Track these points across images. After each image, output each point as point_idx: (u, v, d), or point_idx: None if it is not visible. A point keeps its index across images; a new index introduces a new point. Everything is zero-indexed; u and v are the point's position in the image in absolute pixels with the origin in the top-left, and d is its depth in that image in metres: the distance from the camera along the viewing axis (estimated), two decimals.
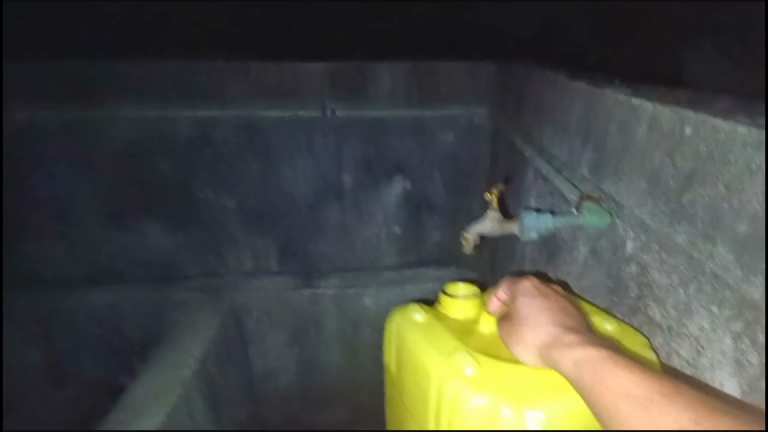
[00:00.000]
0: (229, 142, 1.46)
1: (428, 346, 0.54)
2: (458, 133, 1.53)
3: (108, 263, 1.57)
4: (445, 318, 0.62)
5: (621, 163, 0.68)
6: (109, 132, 1.41)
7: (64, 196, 1.47)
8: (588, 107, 0.81)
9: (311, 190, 1.54)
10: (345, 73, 1.42)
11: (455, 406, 0.48)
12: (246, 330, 1.57)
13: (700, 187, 0.49)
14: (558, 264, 0.92)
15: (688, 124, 0.52)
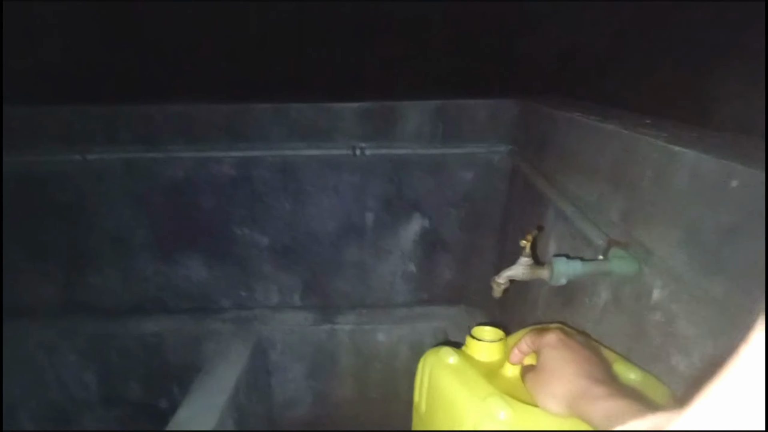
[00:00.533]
0: (266, 180, 1.46)
1: (462, 389, 0.54)
2: (477, 172, 1.45)
3: (156, 294, 1.60)
4: (472, 360, 0.62)
5: (655, 210, 0.62)
6: (164, 171, 1.46)
7: (125, 231, 1.52)
8: (621, 152, 0.74)
9: (335, 227, 1.51)
10: (375, 112, 1.39)
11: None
12: (270, 361, 1.53)
13: (744, 242, 0.45)
14: (575, 308, 0.83)
15: (735, 177, 0.46)
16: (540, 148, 1.15)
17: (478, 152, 1.43)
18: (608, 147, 0.77)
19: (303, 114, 1.41)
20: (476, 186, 1.47)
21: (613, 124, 0.77)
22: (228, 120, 1.42)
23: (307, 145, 1.43)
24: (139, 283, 1.62)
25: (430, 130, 1.41)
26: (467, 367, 0.57)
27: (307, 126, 1.42)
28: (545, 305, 0.98)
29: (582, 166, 0.88)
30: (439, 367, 0.59)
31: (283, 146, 1.43)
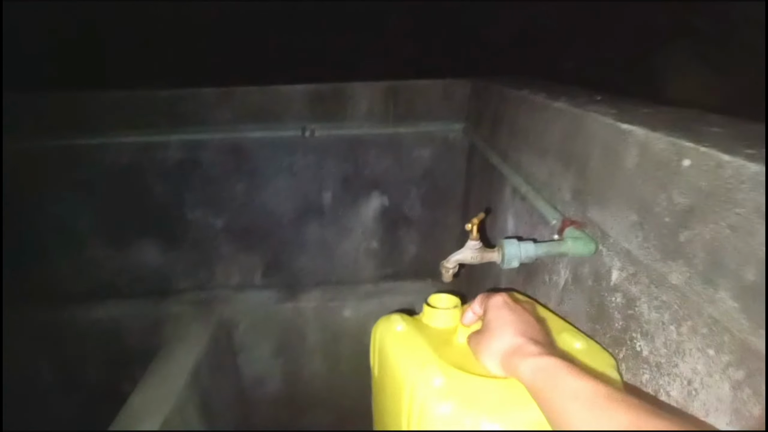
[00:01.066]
0: (216, 163, 1.36)
1: (404, 356, 0.54)
2: (434, 150, 1.39)
3: (109, 279, 1.47)
4: (426, 327, 0.60)
5: (607, 191, 0.56)
6: (105, 158, 1.33)
7: (67, 218, 1.39)
8: (570, 129, 0.67)
9: (293, 208, 1.42)
10: (324, 94, 1.30)
11: (423, 412, 0.47)
12: (234, 341, 1.45)
13: (701, 226, 0.40)
14: (536, 286, 0.80)
15: (687, 156, 0.42)
16: (493, 125, 1.10)
17: (433, 130, 1.37)
18: (556, 124, 0.72)
19: (249, 97, 1.30)
20: (435, 163, 1.41)
21: (560, 102, 0.72)
22: (170, 105, 1.30)
23: (257, 127, 1.33)
24: (90, 270, 1.46)
25: (383, 110, 1.33)
26: (414, 334, 0.57)
27: (255, 108, 1.31)
28: (508, 282, 0.95)
29: (532, 143, 0.84)
30: (387, 334, 0.58)
31: (231, 129, 1.32)
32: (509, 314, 0.49)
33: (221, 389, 1.37)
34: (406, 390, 0.50)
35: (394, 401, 0.55)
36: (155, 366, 1.22)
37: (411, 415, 0.49)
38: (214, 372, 1.33)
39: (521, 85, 1.01)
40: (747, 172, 0.35)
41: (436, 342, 0.55)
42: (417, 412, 0.48)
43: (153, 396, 1.11)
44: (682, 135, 0.44)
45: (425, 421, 0.47)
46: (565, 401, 0.36)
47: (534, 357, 0.42)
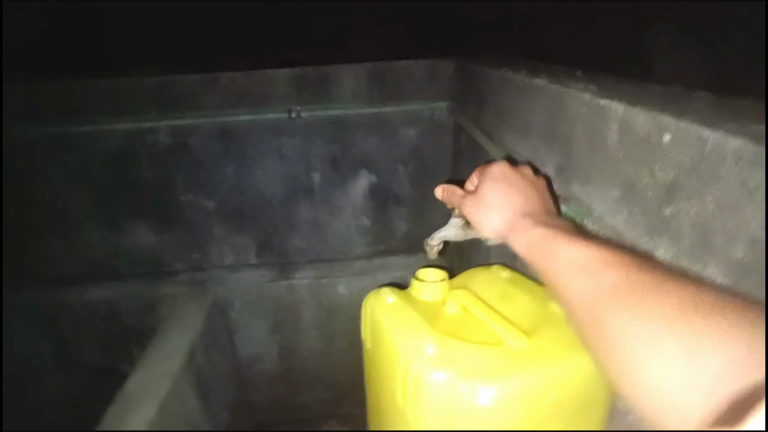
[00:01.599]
0: (205, 147, 1.31)
1: (397, 326, 0.53)
2: (420, 129, 1.35)
3: (104, 261, 1.43)
4: (415, 300, 0.59)
5: (590, 168, 0.54)
6: (97, 144, 1.28)
7: (63, 203, 1.35)
8: (551, 107, 0.65)
9: (283, 188, 1.38)
10: (309, 77, 1.26)
11: (418, 381, 0.46)
12: (230, 320, 1.43)
13: (684, 202, 0.38)
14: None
15: (667, 131, 0.39)
16: (478, 104, 1.07)
17: (419, 110, 1.33)
18: (538, 102, 0.70)
19: (235, 82, 1.25)
20: (421, 142, 1.38)
21: (541, 79, 0.69)
22: (158, 92, 1.25)
23: (243, 111, 1.28)
24: (85, 252, 1.42)
25: (368, 91, 1.29)
26: (405, 306, 0.56)
27: (240, 93, 1.27)
28: (498, 257, 0.92)
29: (516, 122, 0.81)
30: (379, 307, 0.57)
31: (217, 114, 1.28)
32: (506, 186, 0.47)
33: (218, 368, 1.36)
34: (400, 360, 0.49)
35: (388, 372, 0.54)
36: (152, 347, 1.19)
37: (406, 384, 0.49)
38: (210, 351, 1.31)
39: (503, 64, 0.97)
40: (729, 146, 0.32)
41: (427, 314, 0.55)
42: (412, 381, 0.47)
43: (150, 377, 1.08)
44: (662, 109, 0.41)
45: (421, 389, 0.46)
46: (559, 270, 0.35)
47: (528, 230, 0.41)
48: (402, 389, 0.50)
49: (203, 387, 1.23)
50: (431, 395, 0.45)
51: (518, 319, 0.52)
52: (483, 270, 0.66)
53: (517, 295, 0.58)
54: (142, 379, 1.07)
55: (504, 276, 0.63)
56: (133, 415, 0.97)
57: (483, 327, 0.52)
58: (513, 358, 0.45)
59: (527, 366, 0.44)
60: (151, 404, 1.00)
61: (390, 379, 0.53)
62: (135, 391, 1.03)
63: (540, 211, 0.45)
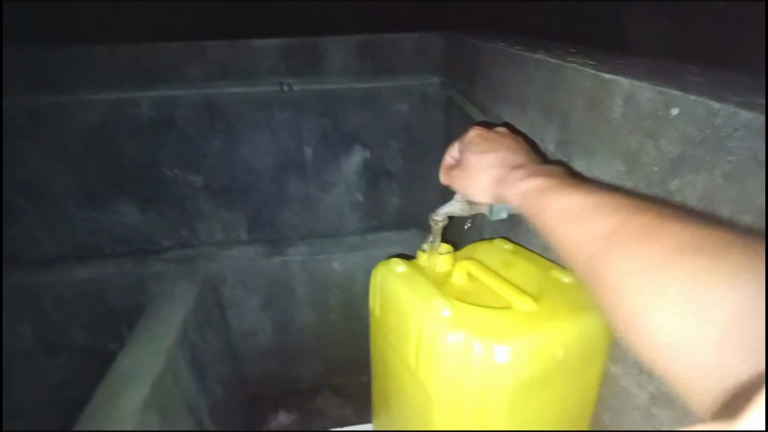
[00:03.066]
0: (191, 120, 1.28)
1: (410, 293, 0.54)
2: (412, 104, 1.36)
3: (88, 240, 1.40)
4: (423, 270, 0.61)
5: (592, 141, 0.55)
6: (73, 116, 1.22)
7: (39, 179, 1.29)
8: (550, 81, 0.66)
9: (274, 163, 1.37)
10: (299, 48, 1.23)
11: (434, 342, 0.48)
12: (222, 297, 1.43)
13: (692, 174, 0.38)
14: (521, 234, 0.78)
15: (675, 105, 0.40)
16: (470, 78, 1.08)
17: (410, 84, 1.34)
18: (536, 76, 0.70)
19: (220, 52, 1.22)
20: (413, 117, 1.38)
21: (539, 53, 0.70)
22: (136, 61, 1.20)
23: (231, 83, 1.25)
24: (66, 231, 1.39)
25: (359, 65, 1.28)
26: (415, 274, 0.58)
27: (227, 64, 1.23)
28: (492, 230, 0.95)
29: (512, 96, 0.82)
30: (389, 276, 0.59)
31: (203, 85, 1.24)
32: (487, 145, 0.47)
33: (211, 344, 1.37)
34: (413, 324, 0.51)
35: (399, 338, 0.56)
36: (142, 325, 1.18)
37: (420, 346, 0.50)
38: (203, 328, 1.32)
39: (495, 38, 0.98)
40: (740, 119, 0.33)
41: (435, 282, 0.56)
42: (427, 343, 0.49)
43: (142, 355, 1.07)
44: (667, 84, 0.42)
45: (436, 350, 0.48)
46: (555, 220, 0.35)
47: (521, 182, 0.40)
48: (416, 351, 0.51)
49: (197, 363, 1.25)
50: (447, 356, 0.47)
51: (524, 286, 0.54)
52: (486, 243, 0.69)
53: (520, 264, 0.61)
54: (134, 357, 1.06)
55: (507, 248, 0.66)
56: (125, 393, 0.95)
57: (491, 294, 0.55)
58: (523, 319, 0.47)
59: (538, 326, 0.47)
60: (145, 382, 0.99)
61: (403, 343, 0.55)
62: (127, 369, 1.02)
63: (528, 161, 0.45)
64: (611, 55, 0.63)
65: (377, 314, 0.64)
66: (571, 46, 0.75)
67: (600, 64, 0.56)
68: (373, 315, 0.66)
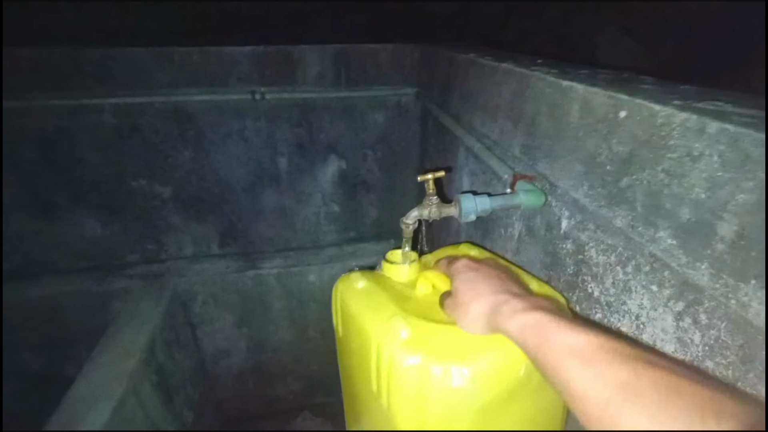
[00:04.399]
0: (157, 128, 1.24)
1: (368, 312, 0.52)
2: (387, 114, 1.38)
3: (41, 255, 1.33)
4: (387, 282, 0.59)
5: (554, 145, 0.58)
6: (27, 124, 1.17)
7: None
8: (517, 90, 0.69)
9: (247, 174, 1.35)
10: (272, 56, 1.23)
11: (392, 366, 0.46)
12: (192, 314, 1.38)
13: (639, 172, 0.42)
14: (494, 240, 0.83)
15: (623, 108, 0.44)
16: (444, 89, 1.11)
17: (385, 95, 1.36)
18: (504, 85, 0.74)
19: (189, 58, 1.20)
20: (390, 128, 1.40)
21: (507, 63, 0.74)
22: (99, 65, 1.16)
23: (200, 90, 1.23)
24: (17, 246, 1.31)
25: (333, 74, 1.29)
26: (375, 290, 0.56)
27: (196, 71, 1.21)
28: (467, 236, 0.98)
29: (483, 104, 0.85)
30: (349, 292, 0.57)
31: (171, 92, 1.21)
32: (477, 274, 0.48)
33: (180, 365, 1.32)
34: (372, 345, 0.49)
35: (361, 358, 0.54)
36: (103, 345, 1.11)
37: (380, 369, 0.48)
38: (171, 347, 1.27)
39: (468, 50, 1.03)
40: (677, 119, 0.37)
41: (398, 296, 0.55)
42: (386, 365, 0.47)
43: (103, 377, 1.00)
44: (618, 89, 0.46)
45: (395, 373, 0.46)
46: (561, 358, 0.34)
47: (519, 314, 0.40)
48: (376, 375, 0.50)
49: (164, 385, 1.19)
50: (405, 379, 0.45)
51: None
52: (452, 249, 0.68)
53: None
54: (92, 379, 1.00)
55: (472, 254, 0.64)
56: (84, 418, 0.90)
57: None
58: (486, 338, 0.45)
59: (498, 342, 0.44)
60: (105, 406, 0.93)
61: (363, 364, 0.53)
62: (86, 393, 0.96)
63: (522, 291, 0.45)
64: (576, 67, 0.67)
65: (340, 334, 0.62)
66: (539, 58, 0.79)
67: (561, 73, 0.60)
68: (336, 334, 0.64)
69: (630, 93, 0.43)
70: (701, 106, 0.38)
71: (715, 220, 0.34)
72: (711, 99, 0.41)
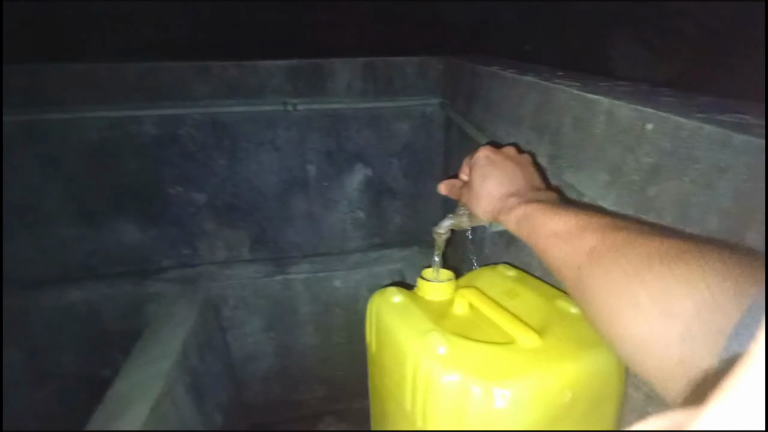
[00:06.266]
0: (195, 138, 1.33)
1: (404, 327, 0.53)
2: (413, 124, 1.45)
3: (82, 261, 1.41)
4: (422, 300, 0.60)
5: (579, 155, 0.61)
6: (73, 134, 1.26)
7: (34, 199, 1.31)
8: (541, 101, 0.73)
9: (277, 181, 1.43)
10: (304, 69, 1.31)
11: (429, 383, 0.46)
12: (223, 318, 1.45)
13: (666, 182, 0.44)
14: (519, 248, 0.84)
15: (649, 121, 0.46)
16: (468, 100, 1.17)
17: (411, 105, 1.43)
18: (528, 97, 0.78)
19: (226, 71, 1.28)
20: (414, 137, 1.47)
21: (530, 76, 0.78)
22: (141, 79, 1.25)
23: (236, 102, 1.31)
24: (60, 251, 1.40)
25: (362, 86, 1.37)
26: (412, 306, 0.56)
27: (233, 84, 1.30)
28: (491, 244, 1.01)
29: (507, 115, 0.89)
30: (384, 307, 0.58)
31: (209, 104, 1.30)
32: (490, 170, 0.52)
33: (210, 368, 1.38)
34: (409, 361, 0.49)
35: (395, 375, 0.53)
36: (140, 347, 1.18)
37: (416, 385, 0.48)
38: (203, 351, 1.34)
39: (491, 62, 1.08)
40: (702, 132, 0.40)
41: (434, 313, 0.55)
42: (422, 382, 0.47)
43: (141, 378, 1.07)
44: (642, 102, 0.49)
45: (431, 391, 0.45)
46: (545, 240, 0.40)
47: (515, 209, 0.46)
48: (411, 393, 0.49)
49: (196, 388, 1.25)
50: (443, 398, 0.44)
51: (528, 318, 0.52)
52: (489, 269, 0.68)
53: (524, 293, 0.59)
54: (132, 379, 1.06)
55: (510, 275, 0.64)
56: (123, 416, 0.96)
57: (492, 326, 0.52)
58: (526, 357, 0.45)
59: (542, 365, 0.44)
60: (143, 406, 0.99)
61: (397, 382, 0.52)
62: (125, 393, 1.02)
63: (525, 188, 0.50)
64: (594, 79, 0.71)
65: (373, 349, 0.61)
66: (558, 70, 0.84)
67: (584, 86, 0.64)
68: (369, 349, 0.64)
69: (655, 106, 0.47)
70: (724, 119, 0.41)
71: (743, 229, 0.36)
72: (733, 111, 0.44)
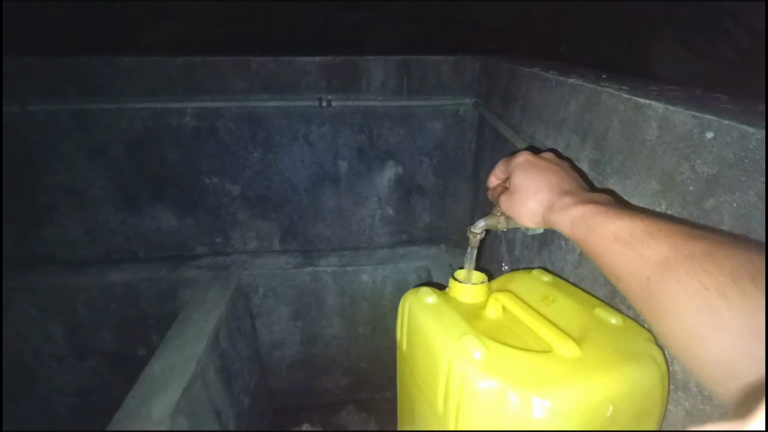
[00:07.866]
0: (232, 131, 1.39)
1: (438, 328, 0.51)
2: (445, 123, 1.46)
3: (123, 244, 1.50)
4: (454, 302, 0.58)
5: (626, 161, 0.59)
6: (119, 124, 1.34)
7: (81, 183, 1.40)
8: (585, 104, 0.71)
9: (309, 175, 1.48)
10: (339, 66, 1.35)
11: (464, 387, 0.44)
12: (253, 305, 1.52)
13: (727, 194, 0.41)
14: (553, 251, 0.83)
15: (710, 129, 0.44)
16: (504, 100, 1.17)
17: (444, 104, 1.44)
18: (571, 100, 0.76)
19: (264, 67, 1.33)
20: (446, 135, 1.48)
21: (573, 78, 0.76)
22: (185, 73, 1.32)
23: (272, 97, 1.37)
24: (103, 234, 1.49)
25: (396, 84, 1.39)
26: (445, 306, 0.55)
27: (270, 78, 1.35)
28: (523, 246, 1.01)
29: (547, 117, 0.88)
30: (417, 307, 0.57)
31: (246, 98, 1.36)
32: (535, 171, 0.49)
33: (240, 353, 1.44)
34: (442, 363, 0.48)
35: (426, 375, 0.52)
36: (175, 330, 1.25)
37: (449, 388, 0.47)
38: (234, 336, 1.40)
39: (530, 63, 1.07)
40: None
41: (467, 315, 0.54)
42: (456, 387, 0.45)
43: (175, 359, 1.13)
44: (700, 109, 0.46)
45: (467, 397, 0.44)
46: (604, 243, 0.37)
47: (570, 209, 0.42)
48: (444, 395, 0.48)
49: (226, 371, 1.32)
50: (478, 403, 0.43)
51: (566, 326, 0.50)
52: (523, 273, 0.66)
53: (561, 300, 0.57)
54: (166, 361, 1.13)
55: (546, 280, 0.62)
56: (157, 396, 1.02)
57: (527, 332, 0.51)
58: (566, 366, 0.43)
59: (583, 376, 0.42)
60: (176, 387, 1.05)
61: (429, 383, 0.51)
62: (160, 374, 1.09)
63: (576, 188, 0.47)
64: (641, 82, 0.69)
65: (404, 348, 0.61)
66: (602, 72, 0.82)
67: (633, 90, 0.62)
68: (399, 348, 0.63)
69: (715, 113, 0.44)
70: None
71: None
72: None
